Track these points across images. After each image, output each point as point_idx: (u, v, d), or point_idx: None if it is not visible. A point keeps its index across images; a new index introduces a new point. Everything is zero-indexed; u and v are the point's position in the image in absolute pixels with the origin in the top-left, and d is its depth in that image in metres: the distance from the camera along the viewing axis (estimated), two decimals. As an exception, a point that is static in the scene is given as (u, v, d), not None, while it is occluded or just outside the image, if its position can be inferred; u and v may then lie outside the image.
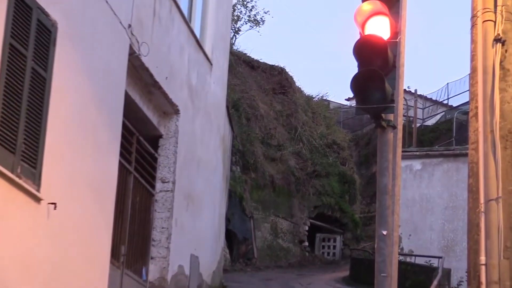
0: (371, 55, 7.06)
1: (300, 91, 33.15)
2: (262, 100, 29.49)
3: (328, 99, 38.15)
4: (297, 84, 32.67)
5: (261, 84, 30.47)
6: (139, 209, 12.20)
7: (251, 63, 31.06)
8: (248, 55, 31.69)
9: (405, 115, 33.06)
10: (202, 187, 14.97)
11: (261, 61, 31.76)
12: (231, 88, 24.69)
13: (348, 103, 39.96)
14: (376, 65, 7.04)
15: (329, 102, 38.36)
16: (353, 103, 30.19)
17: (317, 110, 33.22)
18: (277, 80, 31.31)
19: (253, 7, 34.25)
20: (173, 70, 12.78)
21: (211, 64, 15.35)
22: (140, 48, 10.96)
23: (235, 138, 22.70)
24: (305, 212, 28.90)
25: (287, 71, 31.85)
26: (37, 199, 7.95)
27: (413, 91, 36.45)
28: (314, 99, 34.72)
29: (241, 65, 30.04)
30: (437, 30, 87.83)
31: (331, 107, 38.38)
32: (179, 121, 13.17)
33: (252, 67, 30.97)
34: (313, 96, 35.17)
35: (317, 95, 36.00)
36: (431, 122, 37.42)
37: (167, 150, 13.04)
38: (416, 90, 36.78)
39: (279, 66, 31.86)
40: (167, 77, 12.35)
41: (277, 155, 28.36)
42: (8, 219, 7.45)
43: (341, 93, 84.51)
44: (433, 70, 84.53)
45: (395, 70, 7.24)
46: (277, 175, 27.81)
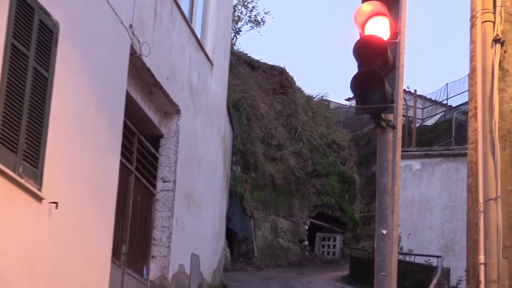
0: (371, 56, 7.06)
1: (300, 91, 33.16)
2: (262, 100, 29.49)
3: (328, 99, 38.17)
4: (297, 84, 32.74)
5: (261, 84, 30.48)
6: (140, 208, 12.20)
7: (251, 63, 31.06)
8: (248, 55, 31.71)
9: (404, 115, 33.04)
10: (202, 187, 14.96)
11: (261, 61, 31.79)
12: (232, 88, 24.69)
13: (348, 103, 39.96)
14: (376, 66, 7.04)
15: (329, 102, 38.37)
16: (353, 103, 30.15)
17: (317, 110, 33.23)
18: (278, 80, 31.32)
19: (253, 7, 34.28)
20: (174, 70, 12.78)
21: (212, 64, 15.35)
22: (141, 48, 10.96)
23: (235, 138, 22.70)
24: (305, 211, 28.90)
25: (288, 71, 31.92)
26: (39, 198, 7.95)
27: (413, 91, 36.45)
28: (314, 99, 34.74)
29: (242, 65, 30.04)
30: (436, 30, 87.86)
31: (331, 107, 38.40)
32: (180, 121, 13.16)
33: (252, 67, 30.97)
34: (313, 96, 35.21)
35: (317, 95, 36.06)
36: (430, 122, 37.41)
37: (168, 149, 13.04)
38: (415, 90, 36.81)
39: (280, 66, 31.91)
40: (168, 77, 12.35)
41: (277, 155, 28.36)
42: (10, 218, 7.45)
43: (341, 93, 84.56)
44: (432, 70, 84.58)
45: (394, 70, 7.24)
46: (277, 175, 27.81)
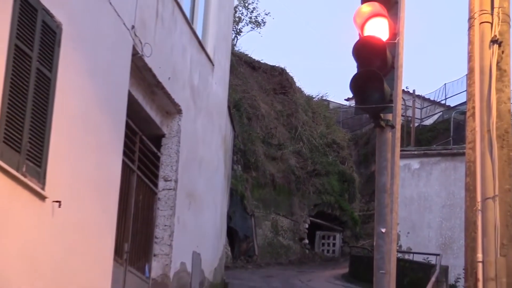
0: (370, 56, 7.06)
1: (300, 91, 33.17)
2: (263, 100, 29.49)
3: (328, 99, 38.18)
4: (298, 84, 32.75)
5: (262, 84, 30.48)
6: (142, 207, 12.20)
7: (252, 64, 31.07)
8: (249, 56, 31.72)
9: (403, 115, 33.07)
10: (204, 186, 14.96)
11: (262, 61, 31.81)
12: (233, 88, 24.69)
13: (347, 103, 39.96)
14: (375, 66, 7.04)
15: (328, 102, 38.37)
16: (353, 103, 30.23)
17: (317, 110, 33.24)
18: (278, 80, 31.33)
19: (254, 8, 34.25)
20: (175, 70, 12.78)
21: (213, 64, 15.34)
22: (143, 49, 10.96)
23: (236, 137, 22.70)
24: (305, 210, 28.90)
25: (288, 71, 31.94)
26: (42, 197, 7.95)
27: (412, 92, 36.47)
28: (314, 99, 34.74)
29: (243, 65, 30.04)
30: (435, 31, 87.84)
31: (331, 107, 38.41)
32: (181, 120, 13.16)
33: (253, 68, 30.98)
34: (313, 96, 35.22)
35: (317, 95, 36.07)
36: (429, 122, 37.43)
37: (170, 149, 13.03)
38: (414, 90, 36.85)
39: (280, 66, 31.92)
40: (169, 78, 12.35)
41: (277, 154, 28.37)
42: (13, 216, 7.46)
43: (340, 93, 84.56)
44: (431, 70, 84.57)
45: (393, 70, 7.23)
46: (277, 174, 27.82)
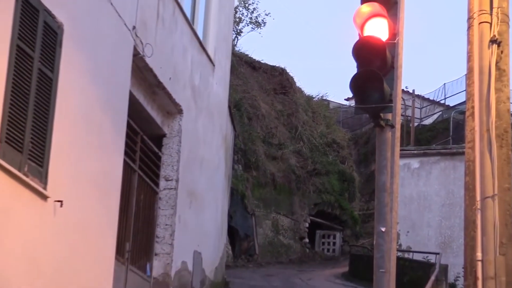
0: (370, 56, 7.06)
1: (300, 91, 33.19)
2: (263, 100, 29.50)
3: (328, 99, 38.20)
4: (298, 84, 32.78)
5: (262, 84, 30.49)
6: (143, 206, 12.20)
7: (252, 64, 31.08)
8: (249, 56, 31.74)
9: (403, 115, 33.07)
10: (204, 185, 14.96)
11: (262, 62, 31.82)
12: (233, 88, 24.70)
13: (347, 103, 39.98)
14: (374, 66, 7.04)
15: (328, 102, 38.38)
16: (353, 103, 30.21)
17: (317, 109, 33.25)
18: (278, 80, 31.34)
19: (254, 9, 34.29)
20: (176, 71, 12.78)
21: (214, 65, 15.34)
22: (144, 49, 10.95)
23: (237, 137, 22.70)
24: (306, 209, 28.91)
25: (288, 71, 31.97)
26: (44, 197, 7.95)
27: (411, 91, 36.49)
28: (314, 99, 34.76)
29: (243, 66, 30.05)
30: (434, 31, 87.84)
31: (331, 106, 38.42)
32: (182, 120, 13.16)
33: (253, 68, 30.99)
34: (313, 96, 35.24)
35: (317, 95, 36.10)
36: (428, 121, 37.44)
37: (171, 149, 13.04)
38: (414, 90, 36.87)
39: (280, 67, 31.95)
40: (170, 78, 12.35)
41: (278, 154, 28.38)
42: (15, 216, 7.46)
43: (340, 93, 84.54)
44: (430, 70, 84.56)
45: (393, 70, 7.23)
46: (278, 173, 27.82)
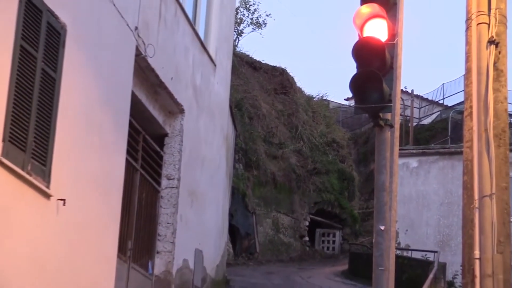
0: (370, 57, 7.06)
1: (300, 91, 33.17)
2: (264, 100, 29.49)
3: (327, 99, 38.19)
4: (298, 84, 32.75)
5: (263, 84, 30.48)
6: (145, 205, 12.20)
7: (253, 64, 31.07)
8: (250, 56, 31.73)
9: (402, 115, 33.04)
10: (206, 184, 14.95)
11: (263, 62, 31.81)
12: (234, 88, 24.69)
13: (347, 103, 39.96)
14: (374, 66, 7.04)
15: (328, 101, 38.37)
16: (352, 103, 30.18)
17: (317, 109, 33.24)
18: (279, 80, 31.33)
19: (255, 10, 34.32)
20: (178, 71, 12.77)
21: (215, 65, 15.33)
22: (146, 49, 10.95)
23: (238, 136, 22.69)
24: (306, 208, 28.90)
25: (288, 72, 31.94)
26: (47, 196, 7.95)
27: (410, 91, 36.47)
28: (314, 99, 34.75)
29: (244, 66, 30.04)
30: (433, 32, 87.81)
31: (331, 106, 38.40)
32: (184, 120, 13.15)
33: (254, 68, 30.98)
34: (313, 96, 35.23)
35: (317, 95, 36.08)
36: (427, 121, 37.42)
37: (173, 148, 13.03)
38: (412, 90, 36.84)
39: (281, 67, 31.93)
40: (172, 78, 12.34)
41: (278, 153, 28.37)
42: (18, 214, 7.46)
43: (340, 93, 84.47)
44: (429, 71, 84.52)
45: (392, 71, 7.23)
46: (278, 172, 27.81)
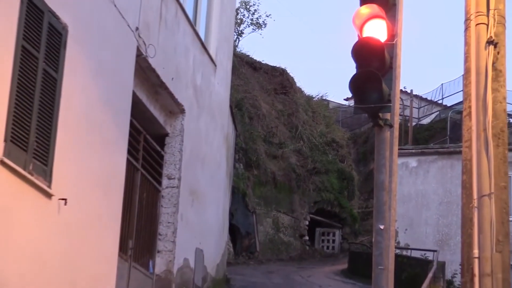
0: (369, 57, 7.06)
1: (300, 91, 33.16)
2: (264, 100, 29.49)
3: (327, 99, 38.17)
4: (298, 84, 32.73)
5: (263, 84, 30.47)
6: (146, 204, 12.21)
7: (253, 65, 31.06)
8: (250, 56, 31.72)
9: (401, 115, 33.02)
10: (206, 184, 14.96)
11: (263, 62, 31.80)
12: (235, 88, 24.68)
13: (346, 103, 39.94)
14: (373, 67, 7.04)
15: (328, 102, 38.36)
16: (352, 103, 30.21)
17: (317, 109, 33.23)
18: (279, 80, 31.32)
19: (255, 10, 34.30)
20: (178, 71, 12.78)
21: (215, 65, 15.34)
22: (147, 50, 10.96)
23: (238, 136, 22.69)
24: (306, 207, 28.90)
25: (288, 72, 31.92)
26: (48, 195, 7.96)
27: (409, 91, 36.47)
28: (314, 99, 34.73)
29: (244, 66, 30.03)
30: (432, 33, 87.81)
31: (331, 106, 38.39)
32: (184, 120, 13.16)
33: (254, 68, 30.97)
34: (313, 96, 35.21)
35: (317, 95, 36.06)
36: (426, 121, 37.40)
37: (173, 148, 13.04)
38: (412, 90, 36.83)
39: (281, 67, 31.91)
40: (173, 78, 12.35)
41: (278, 153, 28.37)
42: (20, 214, 7.47)
43: (340, 93, 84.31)
44: (428, 71, 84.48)
45: (391, 71, 7.23)
46: (278, 172, 27.81)
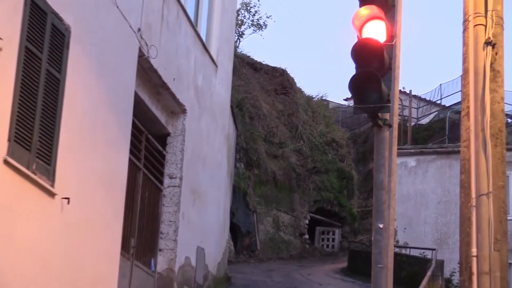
0: (368, 58, 7.05)
1: (300, 91, 33.15)
2: (264, 100, 29.49)
3: (327, 99, 38.17)
4: (298, 85, 32.73)
5: (263, 85, 30.47)
6: (148, 203, 12.21)
7: (254, 65, 31.06)
8: (251, 57, 31.72)
9: (400, 115, 33.03)
10: (207, 183, 14.96)
11: (263, 63, 31.80)
12: (235, 88, 24.68)
13: (346, 103, 39.94)
14: (373, 67, 7.03)
15: (328, 102, 38.36)
16: (351, 103, 30.20)
17: (317, 109, 33.23)
18: (279, 81, 31.32)
19: (256, 12, 34.31)
20: (180, 71, 12.78)
21: (216, 66, 15.34)
22: (149, 51, 10.96)
23: (239, 136, 22.70)
24: (306, 206, 28.90)
25: (288, 72, 31.93)
26: (51, 194, 7.96)
27: (408, 92, 36.47)
28: (314, 99, 34.73)
29: (245, 67, 30.03)
30: (430, 34, 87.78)
31: (330, 106, 38.39)
32: (186, 120, 13.16)
33: (255, 69, 30.97)
34: (313, 96, 35.20)
35: (317, 95, 36.05)
36: (425, 121, 37.39)
37: (175, 147, 13.04)
38: (410, 90, 36.83)
39: (281, 68, 31.92)
40: (174, 79, 12.35)
41: (279, 153, 28.37)
42: (23, 213, 7.47)
43: (339, 94, 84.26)
44: (427, 71, 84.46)
45: (391, 71, 7.23)
46: (279, 171, 27.81)
